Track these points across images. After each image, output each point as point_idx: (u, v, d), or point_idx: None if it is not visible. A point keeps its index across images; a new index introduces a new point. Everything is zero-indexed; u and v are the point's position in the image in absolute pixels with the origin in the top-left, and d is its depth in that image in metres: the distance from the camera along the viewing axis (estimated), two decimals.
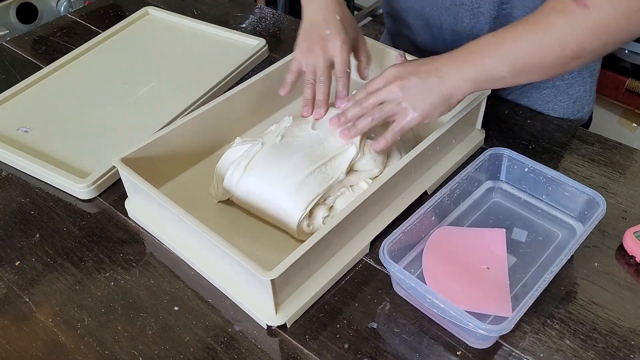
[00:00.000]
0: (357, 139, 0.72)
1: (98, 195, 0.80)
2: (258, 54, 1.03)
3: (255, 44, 1.04)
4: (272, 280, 0.58)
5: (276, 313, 0.62)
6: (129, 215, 0.76)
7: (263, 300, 0.62)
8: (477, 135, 0.83)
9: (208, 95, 0.93)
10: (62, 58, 1.03)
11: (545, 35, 0.62)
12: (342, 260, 0.68)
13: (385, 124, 0.73)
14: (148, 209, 0.74)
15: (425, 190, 0.76)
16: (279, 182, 0.70)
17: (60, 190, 0.81)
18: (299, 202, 0.68)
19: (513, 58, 0.64)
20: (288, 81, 0.79)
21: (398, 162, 0.70)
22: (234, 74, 0.98)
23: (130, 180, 0.72)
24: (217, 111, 0.80)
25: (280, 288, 0.61)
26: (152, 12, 1.16)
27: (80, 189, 0.78)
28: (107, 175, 0.80)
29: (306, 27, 0.79)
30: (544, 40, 0.62)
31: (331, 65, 0.77)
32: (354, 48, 0.80)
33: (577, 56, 0.62)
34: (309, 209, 0.68)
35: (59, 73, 1.01)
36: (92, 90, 0.98)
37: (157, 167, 0.75)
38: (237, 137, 0.79)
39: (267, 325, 0.63)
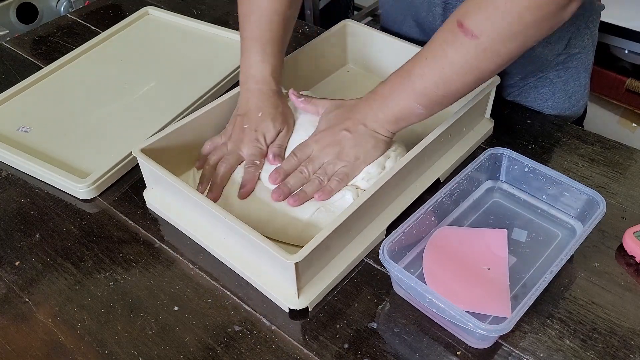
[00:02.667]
0: (349, 195, 0.71)
1: (98, 196, 0.80)
2: None
3: None
4: (296, 264, 0.60)
5: (298, 297, 0.64)
6: (147, 205, 0.77)
7: (285, 285, 0.64)
8: (487, 124, 0.85)
9: (208, 95, 0.93)
10: (62, 58, 1.03)
11: (444, 68, 0.65)
12: (360, 246, 0.70)
13: None
14: (167, 199, 0.76)
15: (438, 178, 0.77)
16: (278, 217, 0.71)
17: (60, 190, 0.81)
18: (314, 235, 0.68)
19: (423, 94, 0.68)
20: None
21: (411, 151, 0.71)
22: (234, 74, 0.98)
23: (151, 171, 0.73)
24: (232, 104, 0.81)
25: (302, 272, 0.63)
26: (152, 12, 1.16)
27: (80, 189, 0.78)
28: (107, 175, 0.80)
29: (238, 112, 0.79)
30: (444, 72, 0.65)
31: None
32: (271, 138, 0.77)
33: (479, 79, 0.66)
34: None
35: (59, 73, 1.01)
36: (92, 90, 0.98)
37: (173, 158, 0.76)
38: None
39: (289, 308, 0.64)
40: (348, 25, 0.95)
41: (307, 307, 0.65)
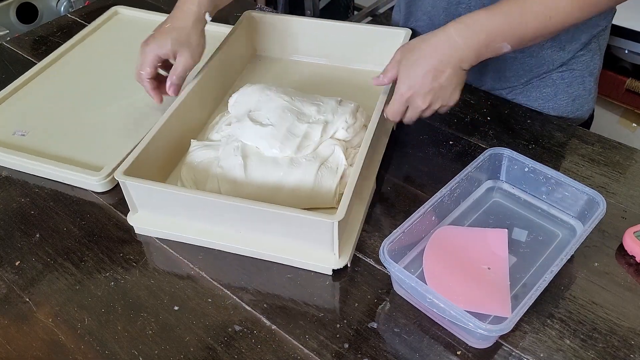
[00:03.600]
0: (338, 148, 0.76)
1: (98, 195, 0.80)
2: None
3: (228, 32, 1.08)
4: (339, 222, 0.63)
5: (339, 256, 0.67)
6: (136, 231, 0.74)
7: (325, 248, 0.67)
8: None
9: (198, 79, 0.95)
10: (49, 56, 1.04)
11: (552, 13, 0.67)
12: (363, 201, 0.74)
13: None
14: (160, 217, 0.73)
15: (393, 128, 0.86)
16: (286, 186, 0.73)
17: (60, 189, 0.81)
18: (324, 195, 0.73)
19: (519, 38, 0.70)
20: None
21: (377, 105, 0.76)
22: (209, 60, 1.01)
23: (143, 189, 0.70)
24: (186, 108, 0.82)
25: (341, 230, 0.65)
26: (122, 11, 1.18)
27: (97, 182, 0.79)
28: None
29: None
30: (550, 20, 0.68)
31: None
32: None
33: (577, 23, 0.69)
34: (337, 194, 0.73)
35: (46, 74, 1.02)
36: (83, 89, 0.99)
37: (153, 170, 0.76)
38: (193, 140, 0.81)
39: (332, 270, 0.68)
40: (250, 17, 0.99)
41: (346, 265, 0.68)
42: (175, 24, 0.82)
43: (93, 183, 0.80)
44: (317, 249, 0.68)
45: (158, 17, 1.13)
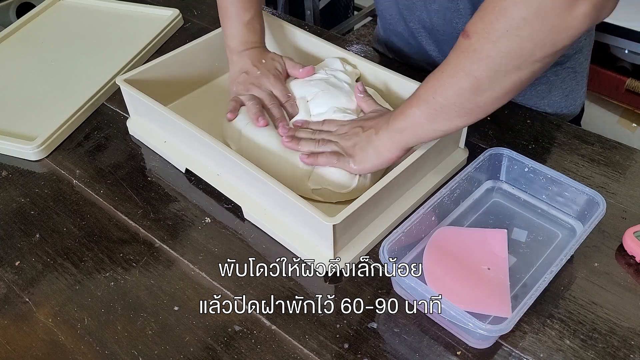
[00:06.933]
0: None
1: (98, 196, 0.80)
2: (173, 23, 1.13)
3: (169, 14, 1.14)
4: (334, 226, 0.63)
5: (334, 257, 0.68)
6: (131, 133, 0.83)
7: (321, 247, 0.68)
8: (461, 154, 0.81)
9: (133, 63, 1.02)
10: None
11: (442, 72, 0.62)
12: (392, 216, 0.73)
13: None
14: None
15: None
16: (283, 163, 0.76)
17: (58, 188, 0.81)
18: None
19: (423, 100, 0.65)
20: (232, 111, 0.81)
21: (378, 182, 0.68)
22: (152, 43, 1.07)
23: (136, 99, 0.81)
24: (210, 45, 0.93)
25: (339, 235, 0.66)
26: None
27: (30, 150, 0.85)
28: (55, 136, 0.88)
29: (236, 75, 0.86)
30: (441, 76, 0.62)
31: (272, 94, 0.83)
32: (284, 71, 0.87)
33: (474, 86, 0.60)
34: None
35: None
36: (19, 70, 1.03)
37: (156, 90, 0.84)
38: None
39: (326, 272, 0.68)
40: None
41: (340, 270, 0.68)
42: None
43: (28, 152, 0.86)
44: (314, 242, 0.68)
45: (100, 3, 1.19)
